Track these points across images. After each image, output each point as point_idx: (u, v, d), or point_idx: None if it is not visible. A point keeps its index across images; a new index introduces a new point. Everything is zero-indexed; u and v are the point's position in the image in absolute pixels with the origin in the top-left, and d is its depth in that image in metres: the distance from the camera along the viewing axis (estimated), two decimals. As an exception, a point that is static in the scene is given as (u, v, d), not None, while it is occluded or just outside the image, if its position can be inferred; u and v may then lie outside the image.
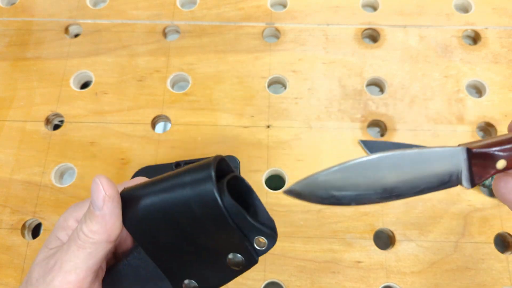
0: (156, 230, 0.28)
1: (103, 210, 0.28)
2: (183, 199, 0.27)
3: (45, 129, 0.49)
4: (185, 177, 0.27)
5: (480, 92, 0.51)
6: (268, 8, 0.55)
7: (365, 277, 0.43)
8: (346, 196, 0.25)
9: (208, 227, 0.27)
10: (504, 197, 0.27)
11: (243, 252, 0.28)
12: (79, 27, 0.55)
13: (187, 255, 0.29)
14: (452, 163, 0.24)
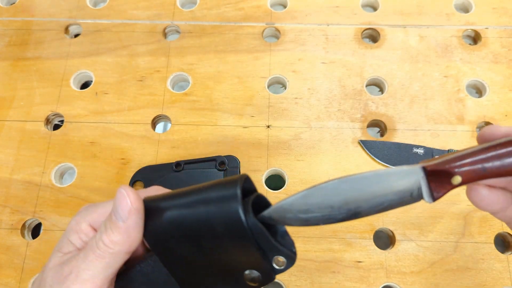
0: (175, 242, 0.28)
1: (127, 222, 0.27)
2: (206, 216, 0.27)
3: (45, 129, 0.49)
4: (210, 194, 0.27)
5: (480, 92, 0.51)
6: (268, 8, 0.55)
7: (365, 277, 0.43)
8: (313, 217, 0.26)
9: (228, 244, 0.27)
10: (477, 205, 0.29)
11: (261, 270, 0.28)
12: (79, 27, 0.55)
13: (203, 268, 0.29)
14: (411, 181, 0.25)
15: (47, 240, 0.45)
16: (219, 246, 0.27)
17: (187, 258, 0.28)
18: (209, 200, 0.27)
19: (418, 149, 0.48)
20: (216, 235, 0.27)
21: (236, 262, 0.28)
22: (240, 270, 0.28)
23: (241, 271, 0.28)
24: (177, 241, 0.28)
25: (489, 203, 0.28)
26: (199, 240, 0.27)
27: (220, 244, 0.27)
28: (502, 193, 0.29)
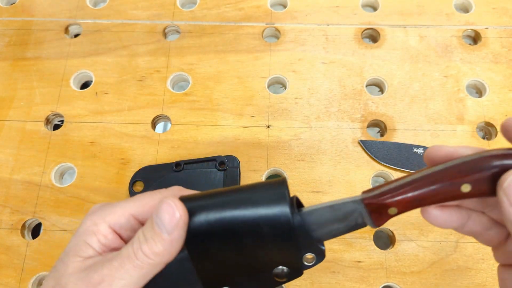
0: (212, 240, 0.28)
1: (173, 235, 0.26)
2: (253, 217, 0.27)
3: (45, 129, 0.49)
4: (257, 195, 0.28)
5: (480, 92, 0.51)
6: (268, 8, 0.55)
7: (365, 277, 0.43)
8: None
9: (269, 243, 0.28)
10: (432, 224, 0.29)
11: (291, 266, 0.29)
12: (79, 27, 0.55)
13: (234, 266, 0.29)
14: (355, 213, 0.27)
15: (47, 240, 0.45)
16: (259, 245, 0.28)
17: (220, 256, 0.28)
18: (258, 201, 0.27)
19: (418, 149, 0.48)
20: (260, 235, 0.27)
21: (271, 259, 0.28)
22: (272, 266, 0.29)
23: (272, 267, 0.29)
24: (215, 239, 0.28)
25: (442, 222, 0.29)
26: (240, 238, 0.27)
27: (261, 242, 0.28)
28: (456, 211, 0.29)
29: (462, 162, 0.26)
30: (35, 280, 0.43)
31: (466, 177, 0.25)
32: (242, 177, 0.46)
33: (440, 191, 0.25)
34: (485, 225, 0.29)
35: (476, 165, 0.25)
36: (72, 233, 0.45)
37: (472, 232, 0.29)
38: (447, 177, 0.25)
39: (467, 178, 0.25)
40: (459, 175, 0.25)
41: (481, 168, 0.25)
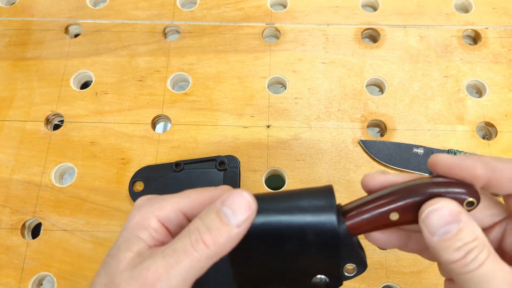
0: (255, 244, 0.28)
1: (241, 228, 0.25)
2: (299, 224, 0.27)
3: (45, 129, 0.49)
4: (304, 202, 0.28)
5: (480, 92, 0.51)
6: (268, 8, 0.55)
7: (365, 277, 0.43)
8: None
9: (312, 251, 0.28)
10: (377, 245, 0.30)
11: (331, 276, 0.29)
12: (79, 27, 0.55)
13: (272, 271, 0.29)
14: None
15: (47, 240, 0.45)
16: (302, 251, 0.28)
17: (260, 260, 0.28)
18: (305, 208, 0.27)
19: (418, 149, 0.48)
20: (303, 242, 0.27)
21: (311, 267, 0.28)
22: (311, 275, 0.29)
23: (312, 276, 0.29)
24: (258, 242, 0.27)
25: (383, 244, 0.29)
26: (283, 244, 0.27)
27: (304, 250, 0.27)
28: (395, 233, 0.29)
29: (389, 192, 0.27)
30: (35, 280, 0.43)
31: (392, 206, 0.26)
32: (242, 177, 0.46)
33: (371, 220, 0.27)
34: (425, 244, 0.29)
35: (400, 195, 0.26)
36: (72, 233, 0.45)
37: (414, 250, 0.30)
38: (377, 206, 0.27)
39: (393, 207, 0.26)
40: (386, 204, 0.26)
41: (404, 197, 0.26)
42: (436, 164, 0.26)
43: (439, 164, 0.26)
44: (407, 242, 0.30)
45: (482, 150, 0.48)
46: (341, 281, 0.29)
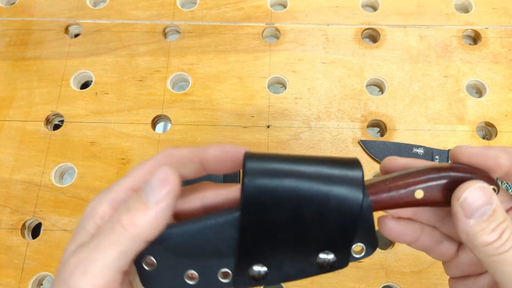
0: (273, 206, 0.26)
1: (161, 205, 0.24)
2: (324, 192, 0.26)
3: (45, 129, 0.49)
4: (334, 170, 0.27)
5: (480, 92, 0.51)
6: (268, 8, 0.55)
7: (365, 277, 0.43)
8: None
9: (328, 222, 0.27)
10: (389, 237, 0.30)
11: (339, 253, 0.28)
12: (79, 27, 0.55)
13: (282, 240, 0.27)
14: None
15: (47, 240, 0.45)
16: (319, 221, 0.27)
17: (275, 226, 0.27)
18: (333, 177, 0.26)
19: (418, 149, 0.48)
20: (324, 210, 0.26)
21: (322, 240, 0.27)
22: (319, 249, 0.28)
23: (320, 250, 0.28)
24: (278, 206, 0.26)
25: (398, 234, 0.30)
26: (301, 210, 0.26)
27: (321, 219, 0.27)
28: (410, 224, 0.30)
29: (416, 170, 0.27)
30: (35, 280, 0.43)
31: (419, 183, 0.27)
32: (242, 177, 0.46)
33: (397, 196, 0.27)
34: (437, 239, 0.30)
35: (427, 172, 0.27)
36: (72, 233, 0.45)
37: (425, 246, 0.30)
38: (403, 183, 0.27)
39: (419, 184, 0.27)
40: (413, 181, 0.27)
41: (432, 175, 0.27)
42: (461, 153, 0.27)
43: (465, 153, 0.27)
44: (420, 236, 0.30)
45: (482, 150, 0.48)
46: (347, 262, 0.28)
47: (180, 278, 0.28)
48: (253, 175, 0.26)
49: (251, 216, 0.27)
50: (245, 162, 0.27)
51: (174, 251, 0.27)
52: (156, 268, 0.27)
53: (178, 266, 0.27)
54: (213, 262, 0.28)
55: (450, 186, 0.27)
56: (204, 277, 0.28)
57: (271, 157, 0.27)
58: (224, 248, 0.27)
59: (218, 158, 0.28)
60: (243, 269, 0.28)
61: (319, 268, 0.28)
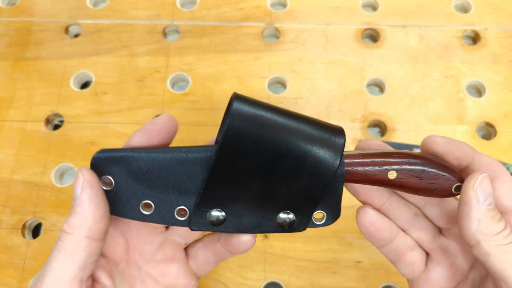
0: (249, 152, 0.26)
1: (81, 198, 0.25)
2: (303, 149, 0.26)
3: (45, 129, 0.50)
4: (318, 132, 0.27)
5: (480, 92, 0.52)
6: (268, 8, 0.55)
7: (365, 277, 0.43)
8: None
9: (299, 183, 0.27)
10: (368, 228, 0.30)
11: (300, 216, 0.28)
12: (79, 27, 0.55)
13: (248, 190, 0.27)
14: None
15: (48, 240, 0.45)
16: (290, 177, 0.27)
17: (245, 174, 0.26)
18: (314, 137, 0.26)
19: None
20: (299, 169, 0.26)
21: (287, 198, 0.27)
22: (281, 206, 0.27)
23: (282, 207, 0.28)
24: (256, 153, 0.26)
25: (377, 228, 0.30)
26: (277, 164, 0.26)
27: (294, 175, 0.26)
28: (389, 222, 0.30)
29: (394, 152, 0.28)
30: (36, 280, 0.44)
31: (394, 164, 0.27)
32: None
33: (370, 172, 0.27)
34: (410, 245, 0.31)
35: (405, 156, 0.28)
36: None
37: (398, 251, 0.31)
38: (379, 160, 0.27)
39: (394, 165, 0.27)
40: (389, 160, 0.27)
41: (409, 160, 0.27)
42: (434, 142, 0.28)
43: (437, 141, 0.28)
44: (395, 238, 0.30)
45: (482, 150, 0.48)
46: (305, 226, 0.28)
47: (136, 205, 0.27)
48: (237, 117, 0.26)
49: (225, 159, 0.26)
50: (233, 102, 0.26)
51: (135, 176, 0.27)
52: (113, 190, 0.27)
53: (136, 192, 0.27)
54: (173, 197, 0.27)
55: (422, 175, 0.27)
56: (160, 210, 0.27)
57: (259, 104, 0.27)
58: (188, 185, 0.27)
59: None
60: (202, 211, 0.27)
61: (278, 226, 0.28)
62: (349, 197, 0.44)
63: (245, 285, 0.43)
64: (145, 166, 0.27)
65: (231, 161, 0.26)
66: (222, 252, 0.31)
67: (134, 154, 0.27)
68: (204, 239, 0.32)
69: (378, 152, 0.28)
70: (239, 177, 0.27)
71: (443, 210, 0.30)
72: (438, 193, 0.28)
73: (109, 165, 0.27)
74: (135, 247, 0.31)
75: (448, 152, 0.28)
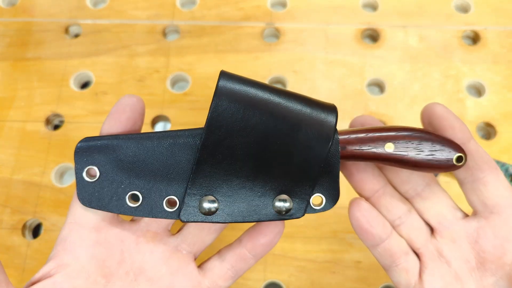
0: (238, 130, 0.25)
1: None
2: (295, 124, 0.25)
3: (45, 129, 0.50)
4: (309, 108, 0.26)
5: (480, 92, 0.52)
6: (268, 8, 0.55)
7: (365, 277, 0.43)
8: None
9: (293, 157, 0.25)
10: (360, 222, 0.29)
11: (298, 199, 0.26)
12: (79, 27, 0.55)
13: (239, 172, 0.25)
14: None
15: (48, 240, 0.45)
16: (283, 157, 0.25)
17: (235, 154, 0.25)
18: (306, 113, 0.25)
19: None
20: (291, 145, 0.25)
21: (283, 180, 0.26)
22: (278, 190, 0.26)
23: (278, 192, 0.26)
24: (245, 132, 0.25)
25: (370, 223, 0.29)
26: (268, 140, 0.25)
27: (286, 155, 0.25)
28: (382, 217, 0.29)
29: (389, 126, 0.28)
30: (36, 280, 0.44)
31: (391, 138, 0.27)
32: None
33: (366, 144, 0.27)
34: (403, 248, 0.29)
35: (401, 130, 0.27)
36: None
37: (392, 252, 0.29)
38: (376, 135, 0.27)
39: (391, 139, 0.27)
40: (385, 134, 0.27)
41: (405, 133, 0.27)
42: (432, 114, 0.30)
43: (436, 113, 0.30)
44: (390, 236, 0.29)
45: (481, 150, 0.48)
46: (303, 211, 0.26)
47: (122, 197, 0.26)
48: (224, 95, 0.25)
49: (214, 138, 0.25)
50: (219, 80, 0.25)
51: (121, 164, 0.25)
52: (97, 181, 0.26)
53: (123, 183, 0.26)
54: (162, 186, 0.26)
55: (421, 146, 0.27)
56: (148, 202, 0.26)
57: (247, 81, 0.26)
58: (177, 172, 0.26)
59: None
60: (193, 200, 0.26)
61: (275, 214, 0.26)
62: (349, 197, 0.44)
63: (245, 285, 0.43)
64: (131, 153, 0.25)
65: (220, 141, 0.25)
66: (245, 258, 0.29)
67: (120, 142, 0.26)
68: (221, 250, 0.30)
69: (373, 127, 0.28)
70: (229, 158, 0.25)
71: (434, 205, 0.30)
72: (440, 165, 0.27)
73: (94, 154, 0.25)
74: (134, 259, 0.28)
75: (445, 129, 0.28)
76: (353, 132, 0.27)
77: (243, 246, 0.29)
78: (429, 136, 0.27)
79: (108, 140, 0.26)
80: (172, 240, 0.29)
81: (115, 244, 0.28)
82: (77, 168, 0.26)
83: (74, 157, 0.26)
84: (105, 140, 0.26)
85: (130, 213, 0.26)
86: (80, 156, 0.26)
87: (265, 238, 0.28)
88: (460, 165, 0.27)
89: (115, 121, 0.27)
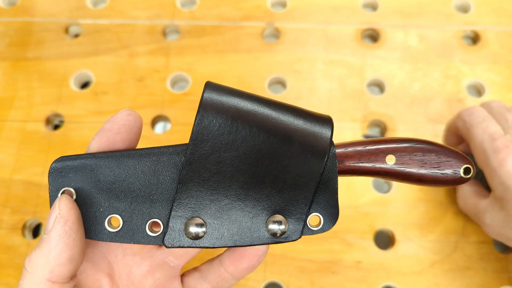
0: (225, 145, 0.23)
1: (50, 234, 0.22)
2: (287, 135, 0.23)
3: (45, 129, 0.50)
4: (302, 120, 0.24)
5: (480, 92, 0.52)
6: (268, 8, 0.55)
7: (365, 277, 0.43)
8: None
9: (286, 173, 0.23)
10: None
11: (293, 220, 0.24)
12: (79, 27, 0.55)
13: (228, 189, 0.24)
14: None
15: (48, 240, 0.45)
16: (274, 170, 0.23)
17: (222, 171, 0.23)
18: (298, 123, 0.24)
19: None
20: (283, 156, 0.23)
21: (276, 195, 0.24)
22: (271, 209, 0.24)
23: (271, 211, 0.24)
24: (232, 147, 0.23)
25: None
26: (257, 153, 0.23)
27: (277, 167, 0.23)
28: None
29: (389, 138, 0.26)
30: (36, 280, 0.44)
31: (392, 150, 0.25)
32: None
33: (365, 157, 0.25)
34: None
35: (401, 141, 0.26)
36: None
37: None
38: (376, 147, 0.25)
39: (392, 151, 0.25)
40: (385, 147, 0.25)
41: (406, 145, 0.25)
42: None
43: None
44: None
45: (481, 150, 0.48)
46: (300, 233, 0.24)
47: (100, 221, 0.24)
48: (208, 107, 0.23)
49: (199, 154, 0.23)
50: (204, 91, 0.24)
51: (99, 186, 0.24)
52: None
53: (101, 205, 0.24)
54: (144, 208, 0.24)
55: (424, 158, 0.25)
56: (129, 226, 0.24)
57: (233, 92, 0.24)
58: (160, 192, 0.24)
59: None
60: (178, 222, 0.23)
61: (269, 237, 0.24)
62: (349, 197, 0.44)
63: (245, 285, 0.43)
64: (111, 173, 0.23)
65: (206, 156, 0.23)
66: (227, 280, 0.27)
67: (97, 161, 0.24)
68: (201, 267, 0.28)
69: (372, 139, 0.26)
70: (217, 175, 0.23)
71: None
72: (446, 179, 0.25)
73: (70, 174, 0.24)
74: (121, 271, 0.27)
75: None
76: (351, 145, 0.26)
77: (225, 268, 0.27)
78: (432, 147, 0.25)
79: (86, 159, 0.24)
80: (159, 252, 0.28)
81: (102, 257, 0.27)
82: (51, 190, 0.24)
83: (48, 179, 0.24)
84: (82, 159, 0.24)
85: (109, 239, 0.24)
86: (54, 177, 0.24)
87: (248, 263, 0.26)
88: (468, 178, 0.25)
89: (108, 140, 0.25)
